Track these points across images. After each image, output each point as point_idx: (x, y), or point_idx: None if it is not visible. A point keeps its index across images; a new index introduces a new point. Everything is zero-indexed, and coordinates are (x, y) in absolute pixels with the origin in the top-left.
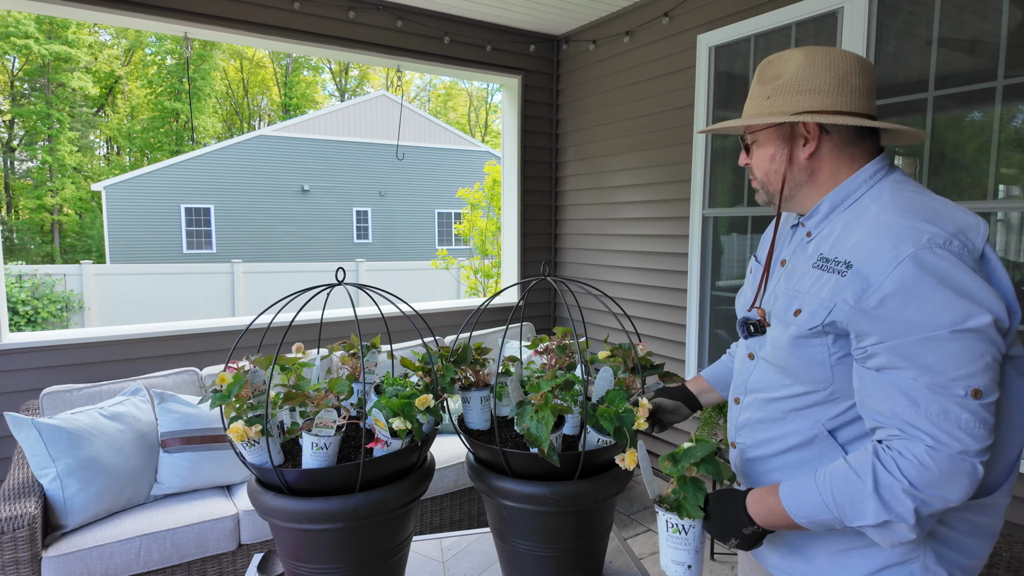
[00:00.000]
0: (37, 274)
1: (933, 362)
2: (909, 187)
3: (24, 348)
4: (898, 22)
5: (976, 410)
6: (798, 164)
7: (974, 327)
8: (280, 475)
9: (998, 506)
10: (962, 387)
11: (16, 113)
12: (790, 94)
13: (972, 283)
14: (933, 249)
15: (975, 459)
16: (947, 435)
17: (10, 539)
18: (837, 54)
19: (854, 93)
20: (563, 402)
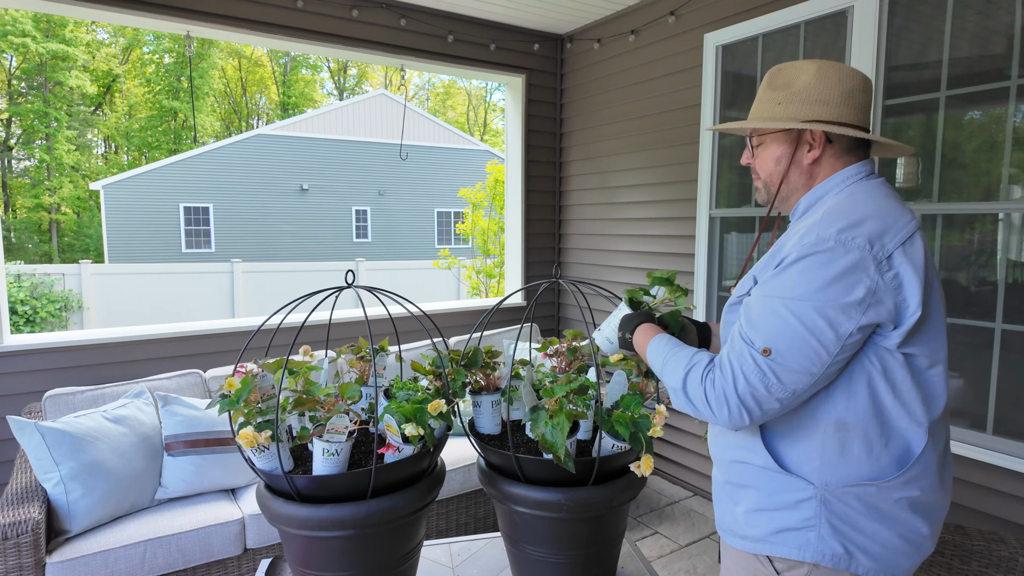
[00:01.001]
0: (36, 274)
1: (755, 319)
2: (871, 192)
3: (25, 350)
4: (909, 21)
5: (761, 363)
6: (800, 168)
7: (795, 300)
8: (291, 482)
9: (900, 496)
10: (760, 342)
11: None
12: (801, 103)
13: (831, 277)
14: (827, 240)
15: (742, 401)
16: (731, 370)
17: (14, 545)
18: (846, 71)
19: (857, 108)
20: (577, 407)
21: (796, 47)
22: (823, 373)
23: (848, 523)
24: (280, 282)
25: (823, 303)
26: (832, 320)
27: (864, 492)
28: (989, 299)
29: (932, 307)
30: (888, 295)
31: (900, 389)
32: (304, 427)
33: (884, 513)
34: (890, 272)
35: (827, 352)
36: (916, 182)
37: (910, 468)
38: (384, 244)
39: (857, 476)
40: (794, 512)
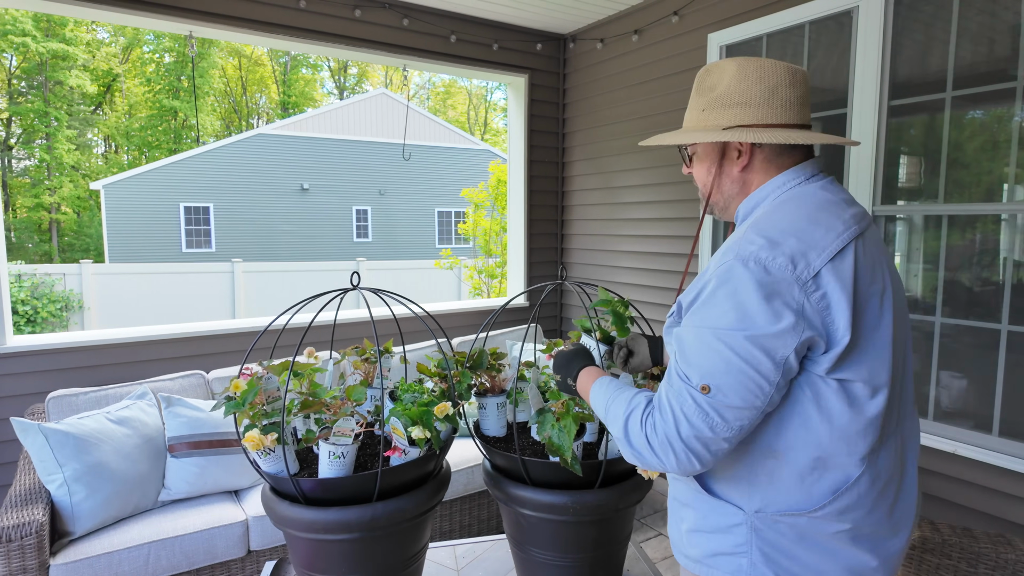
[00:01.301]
0: (36, 273)
1: (688, 352)
2: (803, 202)
3: (28, 351)
4: (915, 21)
5: (702, 402)
6: (731, 177)
7: (726, 332)
8: (296, 485)
9: (837, 530)
10: (696, 379)
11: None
12: (723, 108)
13: (749, 298)
14: (747, 262)
15: (687, 445)
16: (672, 413)
17: (18, 547)
18: (768, 66)
19: (784, 105)
20: (584, 410)
21: (801, 47)
22: (766, 404)
23: (782, 552)
24: (281, 282)
25: (754, 331)
26: (767, 348)
27: (796, 522)
28: (995, 300)
29: (867, 326)
30: (816, 317)
31: (835, 420)
32: (310, 429)
33: (821, 544)
34: (817, 292)
35: (768, 382)
36: (919, 182)
37: (839, 498)
38: (385, 244)
39: (787, 505)
40: (727, 537)
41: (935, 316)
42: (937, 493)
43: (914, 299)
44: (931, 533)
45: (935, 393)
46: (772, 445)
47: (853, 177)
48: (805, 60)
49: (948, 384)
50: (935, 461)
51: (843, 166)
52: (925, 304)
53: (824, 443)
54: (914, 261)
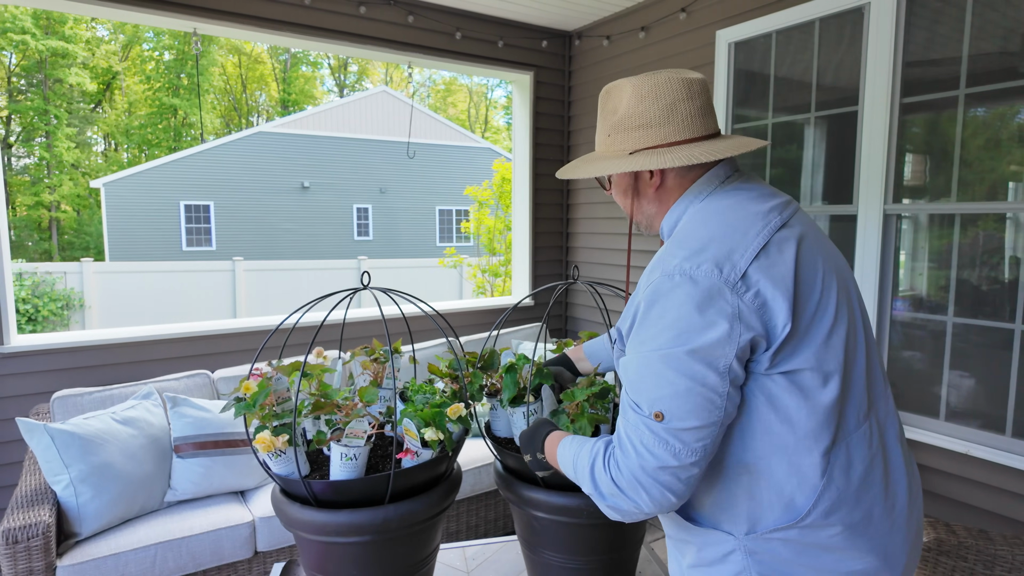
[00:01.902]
0: (37, 272)
1: (634, 380)
2: (718, 208)
3: (33, 351)
4: (928, 18)
5: (658, 431)
6: (647, 197)
7: (664, 352)
8: (308, 487)
9: (823, 532)
10: (647, 407)
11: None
12: (625, 131)
13: (680, 312)
14: (672, 276)
15: (655, 479)
16: (632, 448)
17: (24, 548)
18: (663, 82)
19: (685, 120)
20: (598, 411)
21: (811, 44)
22: (723, 417)
23: (781, 572)
24: (282, 280)
25: (692, 344)
26: (708, 360)
27: (787, 535)
28: (1008, 300)
29: (808, 314)
30: (753, 316)
31: (794, 417)
32: (321, 431)
33: (818, 556)
34: (748, 292)
35: (717, 395)
36: (931, 180)
37: (820, 500)
38: (385, 242)
39: (773, 520)
40: (725, 566)
41: (947, 316)
42: (950, 494)
43: (925, 298)
44: (946, 535)
45: (946, 393)
46: (742, 460)
47: (864, 176)
48: (815, 57)
49: (959, 384)
50: (947, 462)
51: (853, 165)
52: (936, 303)
53: (790, 445)
54: (925, 260)
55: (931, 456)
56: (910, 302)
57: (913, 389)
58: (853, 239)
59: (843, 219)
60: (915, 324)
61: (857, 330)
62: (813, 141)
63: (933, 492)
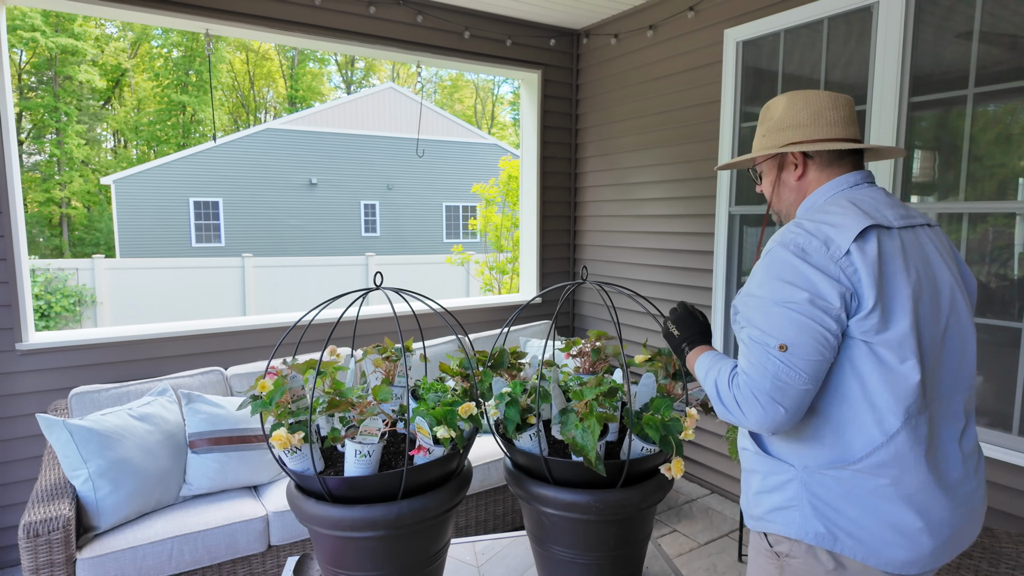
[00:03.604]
0: (50, 268)
1: (761, 322)
2: (840, 202)
3: (50, 347)
4: (936, 17)
5: (783, 358)
6: (788, 186)
7: (787, 300)
8: (323, 483)
9: (878, 484)
10: (775, 341)
11: (24, 106)
12: (778, 131)
13: (796, 272)
14: (787, 245)
15: (771, 396)
16: (757, 373)
17: (45, 541)
18: (812, 95)
19: (829, 124)
20: (607, 410)
21: (819, 44)
22: (832, 353)
23: (829, 505)
24: (291, 277)
25: (811, 293)
26: (823, 304)
27: (839, 475)
28: (1017, 298)
29: (889, 298)
30: (848, 281)
31: (866, 379)
32: (335, 428)
33: (864, 500)
34: (849, 266)
35: (830, 332)
36: (933, 176)
37: (874, 453)
38: (392, 238)
39: (830, 459)
40: (781, 492)
41: None
42: None
43: None
44: None
45: None
46: (816, 405)
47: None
48: (823, 57)
49: None
50: None
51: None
52: None
53: (856, 401)
54: None
55: None
56: None
57: None
58: None
59: None
60: None
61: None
62: None
63: None
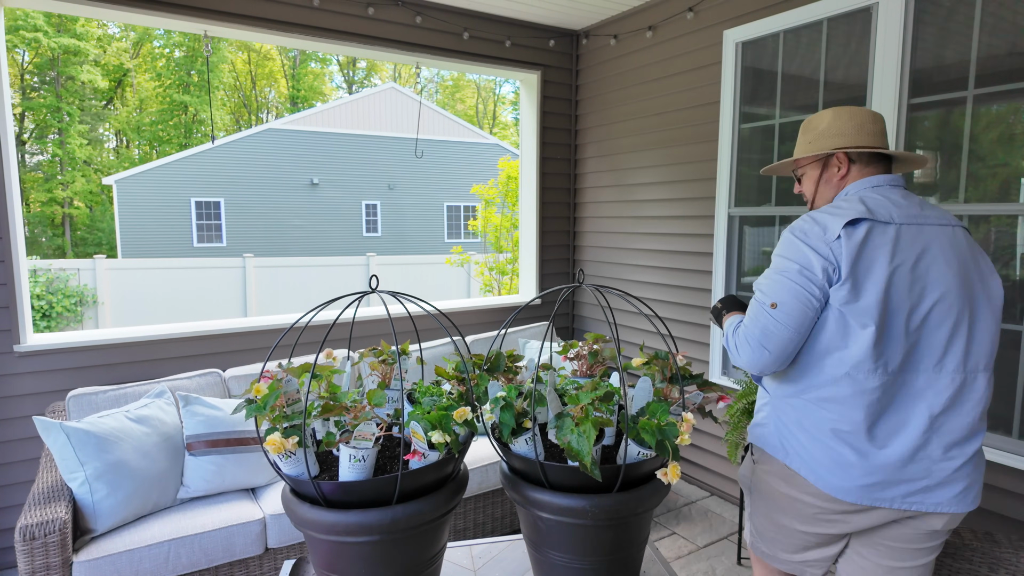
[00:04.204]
0: (51, 269)
1: (764, 286)
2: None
3: (48, 350)
4: (936, 18)
5: (772, 313)
6: (831, 184)
7: (784, 270)
8: (318, 488)
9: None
10: (768, 300)
11: (26, 106)
12: (825, 138)
13: (795, 250)
14: (793, 230)
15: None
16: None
17: (41, 544)
18: (856, 110)
19: (869, 135)
20: (603, 414)
21: (818, 45)
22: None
23: (787, 427)
24: (292, 277)
25: (800, 264)
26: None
27: (795, 403)
28: (1018, 299)
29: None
30: (832, 256)
31: (832, 336)
32: (330, 432)
33: (811, 427)
34: (838, 248)
35: (814, 297)
36: (934, 177)
37: (821, 388)
38: (394, 239)
39: (792, 391)
40: (760, 413)
41: None
42: None
43: None
44: (952, 537)
45: None
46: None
47: None
48: (823, 57)
49: None
50: None
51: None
52: None
53: (820, 350)
54: None
55: None
56: None
57: None
58: None
59: None
60: None
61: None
62: None
63: None
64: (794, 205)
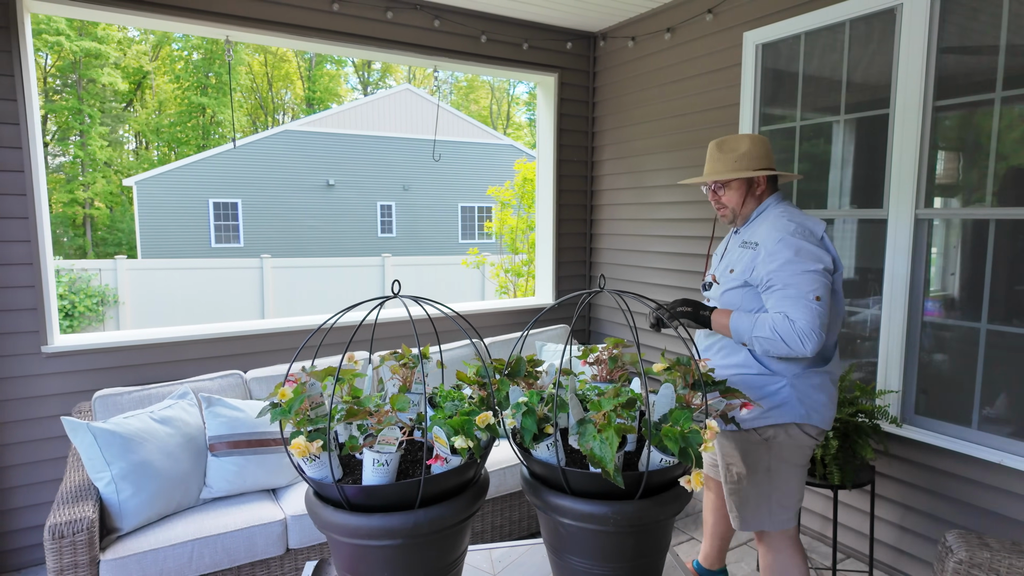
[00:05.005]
0: (74, 269)
1: (801, 284)
2: (786, 207)
3: (74, 351)
4: (962, 20)
5: (818, 305)
6: (753, 197)
7: (813, 269)
8: (341, 491)
9: (826, 375)
10: (812, 293)
11: (49, 109)
12: (750, 159)
13: (813, 252)
14: (795, 234)
15: (812, 332)
16: (807, 316)
17: (69, 543)
18: (760, 138)
19: (771, 158)
20: (625, 421)
21: (841, 46)
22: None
23: (805, 393)
24: (309, 278)
25: (822, 265)
26: (827, 269)
27: (809, 374)
28: None
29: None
30: (827, 257)
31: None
32: (353, 436)
33: (822, 387)
34: (828, 245)
35: (830, 286)
36: (964, 185)
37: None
38: (408, 239)
39: (811, 364)
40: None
41: (980, 323)
42: (983, 505)
43: (957, 303)
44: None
45: (979, 401)
46: None
47: (895, 180)
48: (845, 59)
49: (992, 392)
50: (980, 472)
51: (884, 169)
52: (969, 309)
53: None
54: (957, 263)
55: (963, 465)
56: (942, 307)
57: (944, 397)
58: (883, 243)
59: (872, 223)
60: (947, 330)
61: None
62: (842, 143)
63: (965, 502)
64: (814, 208)
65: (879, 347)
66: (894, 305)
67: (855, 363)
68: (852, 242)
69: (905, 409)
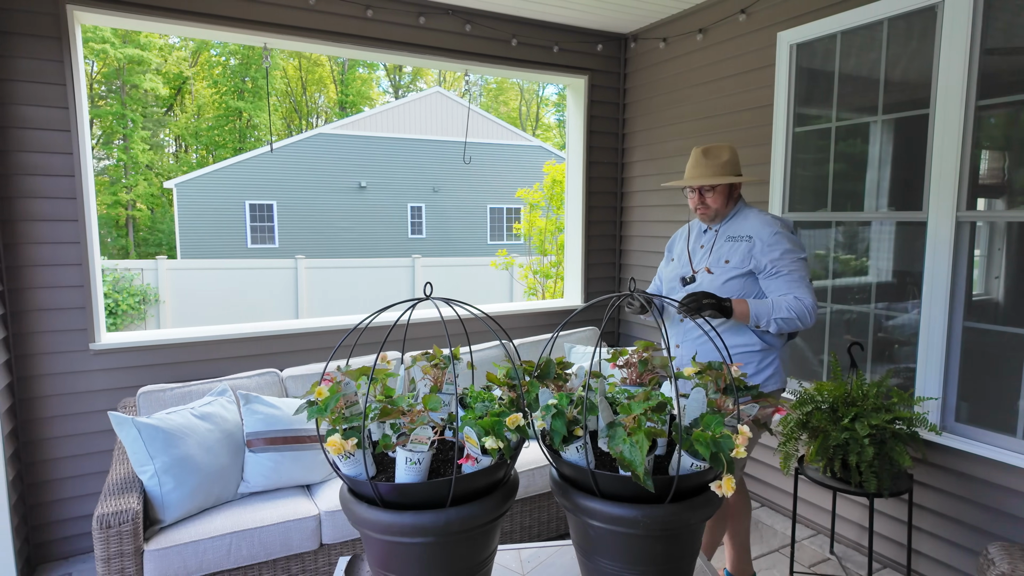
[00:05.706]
0: (117, 269)
1: (799, 269)
2: (754, 208)
3: (119, 348)
4: (1007, 17)
5: (811, 287)
6: (732, 199)
7: (803, 256)
8: (375, 488)
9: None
10: (808, 277)
11: (94, 114)
12: (731, 166)
13: (799, 242)
14: (785, 227)
15: (815, 308)
16: (810, 294)
17: (116, 533)
18: (734, 147)
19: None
20: (656, 425)
21: (878, 45)
22: None
23: (782, 362)
24: (341, 278)
25: (804, 252)
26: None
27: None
28: None
29: None
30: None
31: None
32: (386, 434)
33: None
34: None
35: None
36: (1002, 178)
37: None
38: (438, 240)
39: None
40: (772, 366)
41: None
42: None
43: (1001, 308)
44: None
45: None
46: None
47: (935, 181)
48: (883, 59)
49: None
50: None
51: (923, 170)
52: (1015, 314)
53: None
54: (1002, 267)
55: (1008, 476)
56: (985, 312)
57: (987, 404)
58: (922, 246)
59: (911, 225)
60: (990, 336)
61: None
62: (879, 144)
63: (1010, 514)
64: (850, 211)
65: (917, 352)
66: (934, 310)
67: (892, 368)
68: (890, 244)
69: (945, 416)
